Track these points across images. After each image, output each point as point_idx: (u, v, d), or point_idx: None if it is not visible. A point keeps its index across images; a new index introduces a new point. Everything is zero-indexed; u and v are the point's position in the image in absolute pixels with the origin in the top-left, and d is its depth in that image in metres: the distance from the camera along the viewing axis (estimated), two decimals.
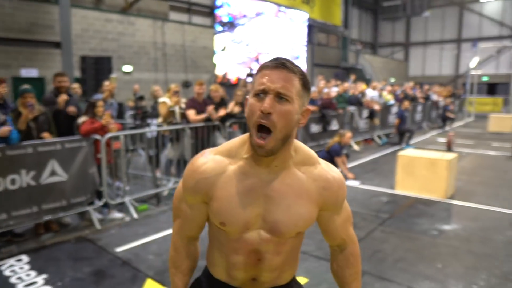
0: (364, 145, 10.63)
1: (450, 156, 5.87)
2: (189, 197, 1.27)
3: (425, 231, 4.54)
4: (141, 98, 6.38)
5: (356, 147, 10.02)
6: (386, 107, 11.92)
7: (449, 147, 9.74)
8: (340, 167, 6.67)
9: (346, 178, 6.54)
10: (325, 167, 1.28)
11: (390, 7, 30.18)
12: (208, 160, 1.23)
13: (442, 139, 11.30)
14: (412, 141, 10.90)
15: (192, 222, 1.31)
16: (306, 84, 1.16)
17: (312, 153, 1.29)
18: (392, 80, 25.75)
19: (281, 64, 1.12)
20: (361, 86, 11.31)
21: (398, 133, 10.66)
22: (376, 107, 10.99)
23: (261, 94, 1.12)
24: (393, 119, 11.50)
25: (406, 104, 10.92)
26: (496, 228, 4.65)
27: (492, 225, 4.74)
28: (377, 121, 11.07)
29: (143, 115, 6.23)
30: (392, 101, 12.44)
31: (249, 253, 1.24)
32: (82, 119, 4.82)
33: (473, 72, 19.93)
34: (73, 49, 9.97)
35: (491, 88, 28.31)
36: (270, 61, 1.15)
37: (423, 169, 5.81)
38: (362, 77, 23.36)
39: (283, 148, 1.16)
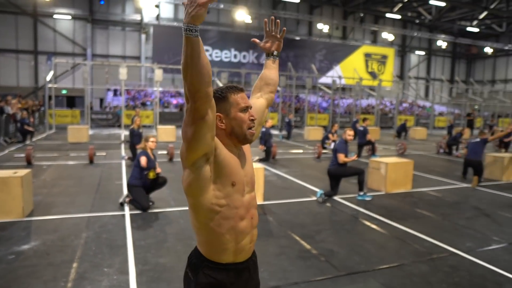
0: None
1: (24, 172, 5.67)
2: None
3: (1, 259, 4.17)
4: None
5: None
6: None
7: (29, 162, 9.44)
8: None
9: None
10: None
11: None
12: None
13: (22, 154, 10.79)
14: None
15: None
16: None
17: None
18: None
19: (242, 89, 1.75)
20: None
21: None
22: None
23: (246, 109, 1.73)
24: None
25: None
26: (74, 233, 4.97)
27: (71, 232, 5.01)
28: None
29: None
30: None
31: (248, 213, 1.66)
32: None
33: (50, 85, 20.27)
34: None
35: (70, 101, 30.03)
36: (237, 86, 1.74)
37: None
38: None
39: None
